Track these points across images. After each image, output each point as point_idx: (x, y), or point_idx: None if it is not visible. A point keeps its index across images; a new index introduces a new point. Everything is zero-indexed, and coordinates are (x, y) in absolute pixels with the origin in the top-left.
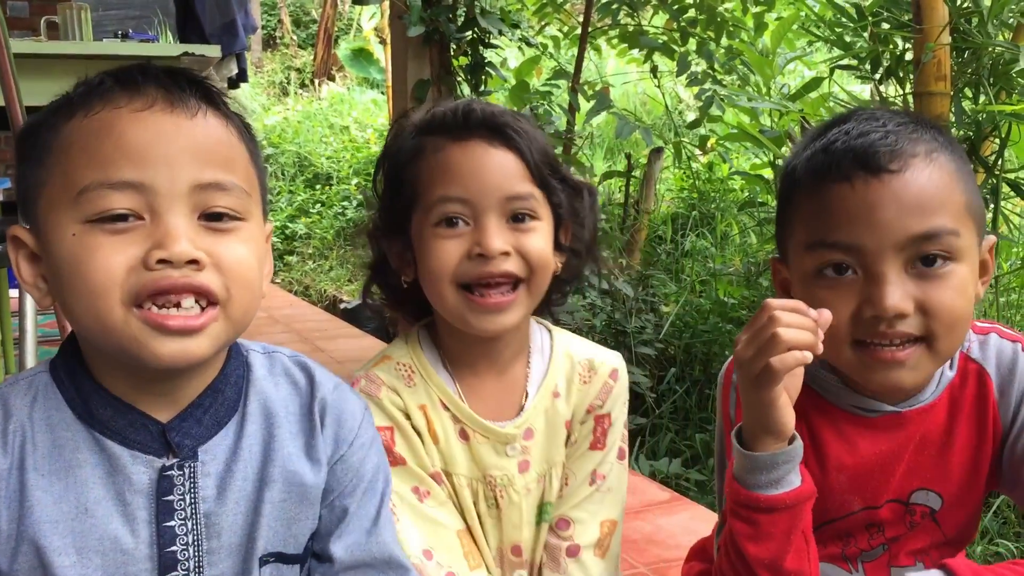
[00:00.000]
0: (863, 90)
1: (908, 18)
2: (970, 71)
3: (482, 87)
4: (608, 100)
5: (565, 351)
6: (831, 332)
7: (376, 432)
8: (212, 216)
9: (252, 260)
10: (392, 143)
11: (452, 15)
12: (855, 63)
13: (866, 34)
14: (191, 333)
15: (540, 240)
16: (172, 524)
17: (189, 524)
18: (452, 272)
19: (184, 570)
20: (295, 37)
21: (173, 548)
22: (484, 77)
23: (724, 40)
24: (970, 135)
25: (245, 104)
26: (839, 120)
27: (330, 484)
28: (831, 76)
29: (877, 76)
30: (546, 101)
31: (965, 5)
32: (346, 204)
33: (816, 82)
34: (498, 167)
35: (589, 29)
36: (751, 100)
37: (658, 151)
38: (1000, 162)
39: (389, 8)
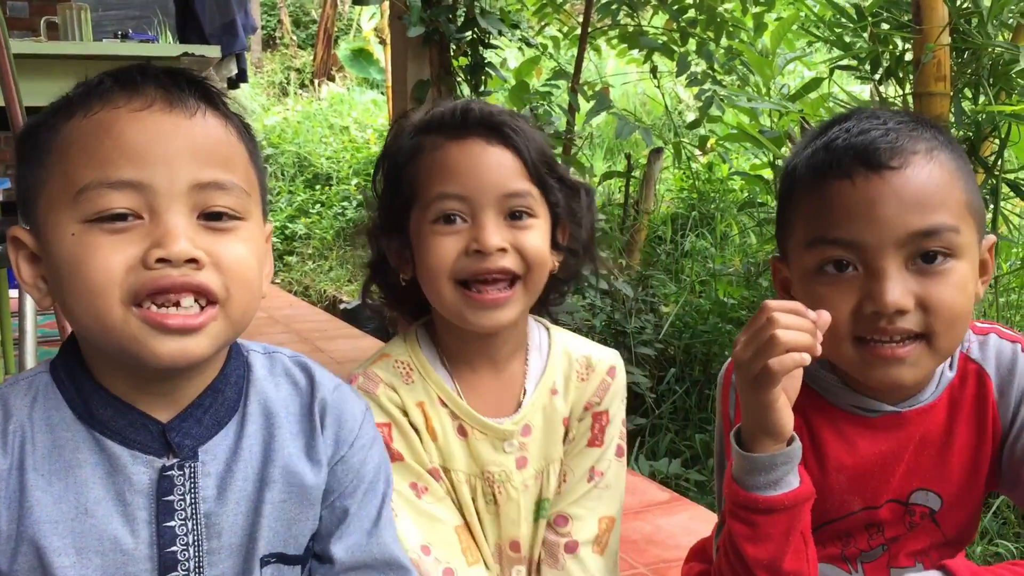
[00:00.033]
0: (863, 91)
1: (908, 18)
2: (970, 71)
3: (482, 87)
4: (608, 100)
5: (563, 348)
6: (831, 329)
7: (377, 433)
8: (211, 215)
9: (251, 259)
10: (392, 143)
11: (452, 15)
12: (855, 63)
13: (866, 34)
14: (190, 332)
15: (537, 237)
16: (172, 524)
17: (189, 524)
18: (450, 268)
19: (184, 570)
20: (295, 37)
21: (173, 548)
22: (484, 77)
23: (724, 40)
24: (970, 135)
25: (245, 104)
26: (840, 119)
27: (330, 485)
28: (831, 76)
29: (877, 77)
30: (546, 101)
31: (965, 5)
32: (346, 204)
33: (816, 82)
34: (495, 165)
35: (589, 29)
36: (751, 100)
37: (658, 151)
38: (1000, 162)
39: (389, 8)
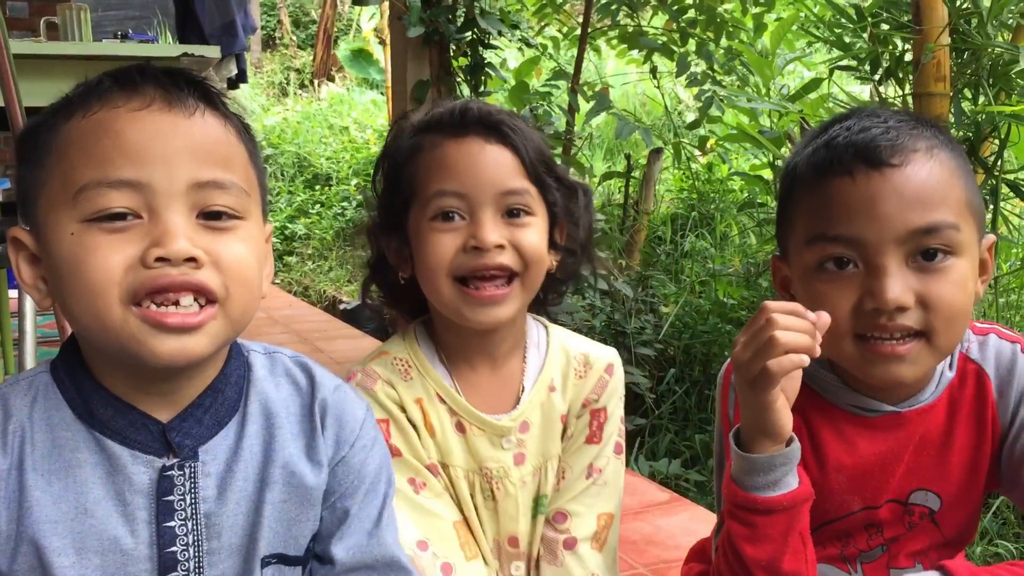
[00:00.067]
0: (862, 91)
1: (907, 19)
2: (969, 72)
3: (482, 88)
4: (608, 101)
5: (561, 346)
6: (831, 327)
7: (379, 433)
8: (210, 215)
9: (251, 259)
10: (391, 143)
11: (452, 16)
12: (854, 64)
13: (865, 35)
14: (190, 331)
15: (534, 235)
16: (172, 524)
17: (189, 524)
18: (448, 265)
19: (184, 571)
20: (295, 38)
21: (173, 548)
22: (484, 78)
23: (723, 41)
24: (969, 136)
25: (244, 104)
26: (841, 118)
27: (331, 485)
28: (830, 77)
29: (876, 77)
30: (546, 102)
31: (964, 6)
32: (345, 205)
33: (815, 83)
34: (493, 162)
35: (589, 30)
36: (750, 101)
37: (657, 152)
38: (999, 163)
39: (389, 9)
